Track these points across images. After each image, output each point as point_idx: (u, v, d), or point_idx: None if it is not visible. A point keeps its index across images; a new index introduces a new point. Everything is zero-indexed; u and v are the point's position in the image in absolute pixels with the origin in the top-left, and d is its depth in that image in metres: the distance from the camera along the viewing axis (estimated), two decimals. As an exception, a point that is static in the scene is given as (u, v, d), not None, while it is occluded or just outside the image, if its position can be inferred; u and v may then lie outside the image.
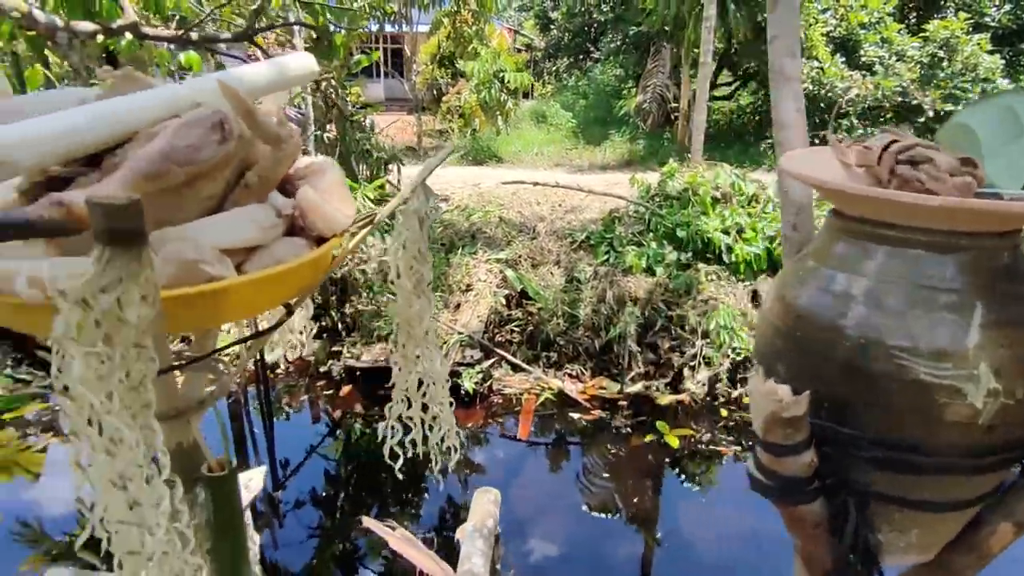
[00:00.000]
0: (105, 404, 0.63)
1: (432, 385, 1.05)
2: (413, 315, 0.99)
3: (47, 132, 0.73)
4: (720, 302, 4.79)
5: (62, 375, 0.64)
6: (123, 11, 1.80)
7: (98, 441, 0.64)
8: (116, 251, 0.61)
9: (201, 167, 0.74)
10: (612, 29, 13.85)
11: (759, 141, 11.22)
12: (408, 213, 0.92)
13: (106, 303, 0.60)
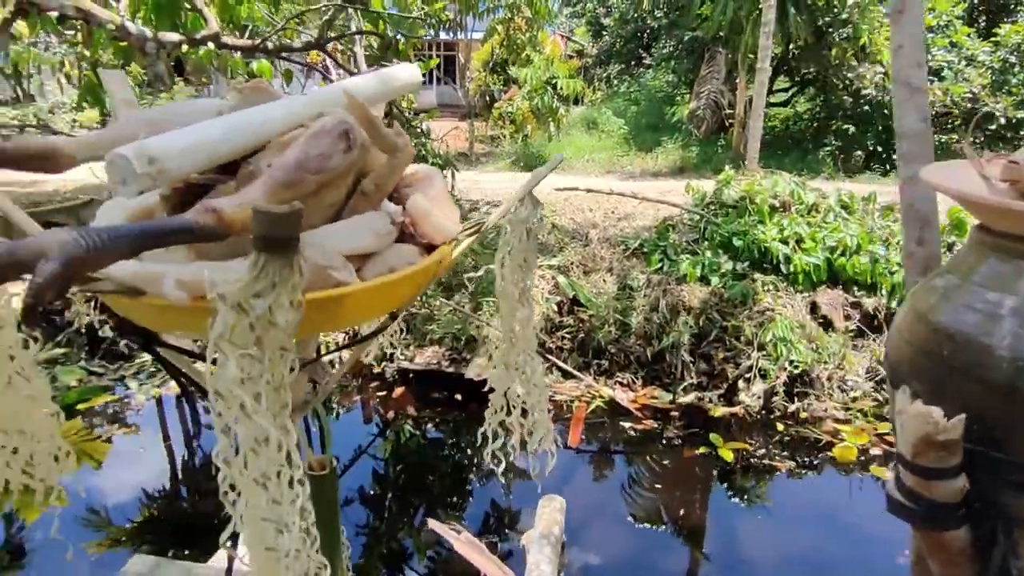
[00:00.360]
0: (254, 404, 0.66)
1: (532, 391, 1.06)
2: (518, 323, 1.00)
3: (194, 142, 0.77)
4: (777, 313, 4.67)
5: (217, 375, 0.67)
6: (206, 22, 1.89)
7: (246, 440, 0.67)
8: (271, 258, 0.65)
9: (329, 175, 0.77)
10: (665, 35, 13.72)
11: (817, 149, 10.93)
12: (516, 222, 0.94)
13: (260, 308, 0.63)
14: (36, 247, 0.60)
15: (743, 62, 9.69)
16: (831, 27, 9.98)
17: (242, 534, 0.72)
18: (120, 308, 0.84)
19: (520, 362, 1.07)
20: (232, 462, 0.71)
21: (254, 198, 0.71)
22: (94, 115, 13.63)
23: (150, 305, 0.77)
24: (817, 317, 4.81)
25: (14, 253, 0.60)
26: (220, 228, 0.67)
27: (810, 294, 4.87)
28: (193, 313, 0.74)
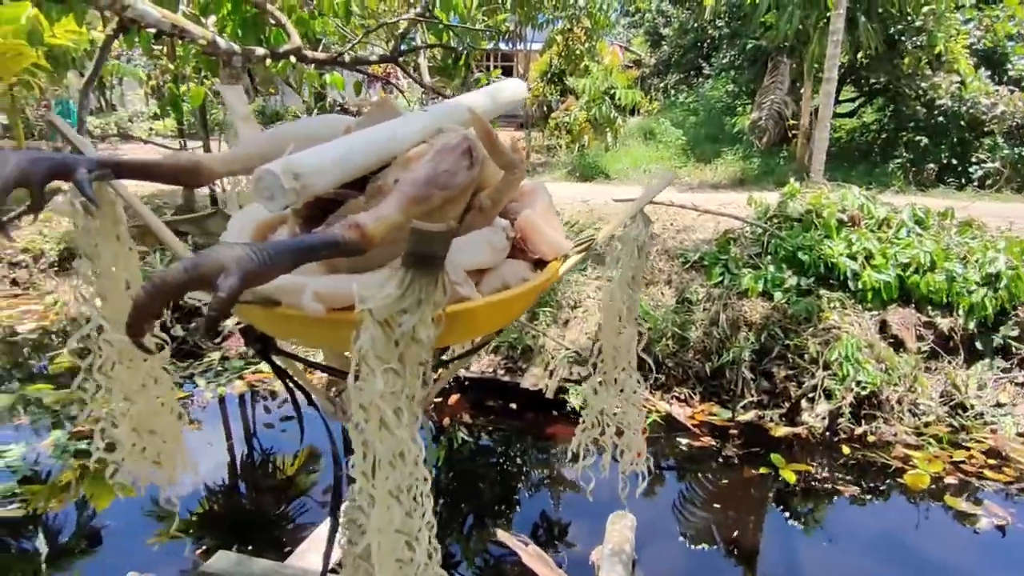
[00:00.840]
0: (395, 419, 0.68)
1: (629, 410, 1.06)
2: (622, 341, 1.00)
3: (333, 159, 0.81)
4: (844, 331, 4.50)
5: (361, 389, 0.69)
6: (289, 37, 1.97)
7: (384, 453, 0.68)
8: (418, 274, 0.66)
9: (454, 191, 0.79)
10: (726, 44, 13.49)
11: (886, 161, 10.52)
12: (627, 239, 0.94)
13: (407, 324, 0.65)
14: (217, 262, 0.64)
15: (809, 72, 9.43)
16: (903, 35, 9.61)
17: (372, 546, 0.74)
18: (246, 316, 0.87)
19: (620, 380, 1.07)
20: (368, 474, 0.72)
21: (389, 213, 0.73)
22: (170, 124, 14.34)
23: (281, 315, 0.80)
24: (887, 336, 4.61)
25: (199, 267, 0.63)
26: (362, 243, 0.70)
27: (880, 312, 4.68)
28: (322, 324, 0.77)
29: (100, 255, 0.85)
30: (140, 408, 0.93)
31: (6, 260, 6.81)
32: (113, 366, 0.89)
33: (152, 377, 0.94)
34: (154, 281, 0.63)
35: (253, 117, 1.07)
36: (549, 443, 4.31)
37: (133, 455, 0.95)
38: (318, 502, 3.67)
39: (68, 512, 3.43)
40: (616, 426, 1.10)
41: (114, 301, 0.88)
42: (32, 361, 5.37)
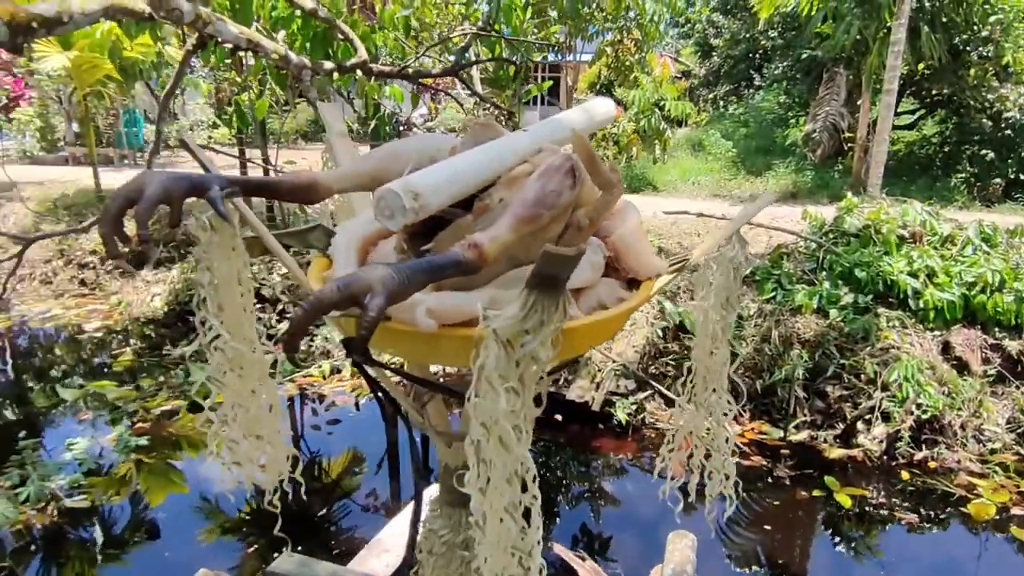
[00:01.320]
0: (514, 437, 0.70)
1: (719, 434, 1.05)
2: (714, 363, 1.00)
3: (448, 179, 0.84)
4: (903, 352, 4.34)
5: (482, 408, 0.71)
6: (356, 51, 2.04)
7: (503, 471, 0.70)
8: (541, 296, 0.68)
9: (559, 210, 0.81)
10: (779, 55, 13.25)
11: (948, 175, 10.14)
12: (723, 261, 0.94)
13: (531, 345, 0.67)
14: (365, 283, 0.68)
15: (868, 83, 9.18)
16: (968, 45, 9.27)
17: (481, 562, 0.75)
18: (350, 330, 0.90)
19: (710, 402, 1.06)
20: (484, 491, 0.73)
21: (503, 233, 0.76)
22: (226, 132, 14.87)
23: (389, 329, 0.83)
24: (950, 358, 4.43)
25: (350, 287, 0.68)
26: (479, 262, 0.72)
27: (942, 333, 4.50)
28: (428, 339, 0.79)
29: (219, 267, 0.89)
30: (250, 413, 0.97)
31: (75, 261, 7.15)
32: (225, 373, 0.93)
33: (260, 383, 0.98)
34: (311, 301, 0.67)
35: (347, 133, 1.11)
36: (594, 456, 4.28)
37: (242, 456, 0.99)
38: (360, 504, 3.72)
39: (123, 505, 3.57)
40: (705, 448, 1.09)
41: (230, 310, 0.93)
42: (96, 358, 5.62)
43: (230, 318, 0.93)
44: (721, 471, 1.13)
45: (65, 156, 12.68)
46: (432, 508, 1.16)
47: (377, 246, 0.91)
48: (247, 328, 0.97)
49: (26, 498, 3.44)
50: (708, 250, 0.98)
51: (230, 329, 0.91)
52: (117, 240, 0.85)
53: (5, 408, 4.81)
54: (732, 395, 1.13)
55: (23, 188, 7.96)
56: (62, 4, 1.27)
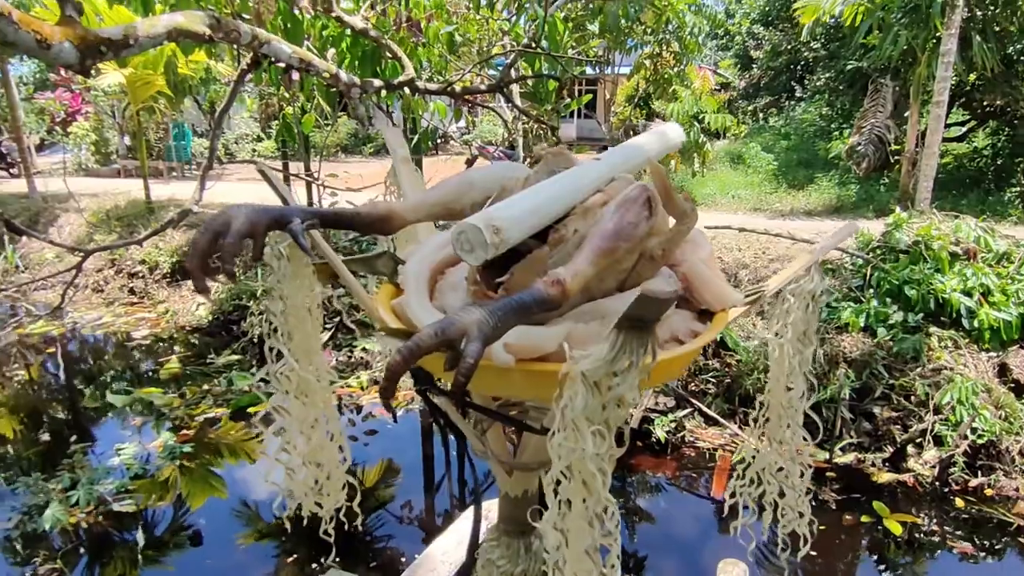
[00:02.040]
0: (599, 480, 0.69)
1: (792, 470, 1.02)
2: (790, 399, 0.97)
3: (527, 211, 0.84)
4: (956, 373, 4.18)
5: (568, 450, 0.70)
6: (403, 69, 2.07)
7: (585, 514, 0.69)
8: (631, 337, 0.67)
9: (635, 243, 0.80)
10: (822, 66, 13.01)
11: (1001, 190, 9.78)
12: (800, 293, 0.91)
13: (620, 389, 0.66)
14: (461, 327, 0.69)
15: (916, 94, 8.93)
16: (1023, 55, 8.96)
17: None
18: (426, 363, 0.90)
19: (786, 438, 1.03)
20: (564, 532, 0.73)
21: (584, 268, 0.75)
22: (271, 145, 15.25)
23: None
24: (1008, 381, 4.24)
25: (447, 332, 0.69)
26: (561, 299, 0.72)
27: (999, 354, 4.32)
28: (501, 373, 0.78)
29: (291, 296, 0.90)
30: (312, 441, 0.97)
31: (125, 271, 7.40)
32: (290, 402, 0.94)
33: (324, 412, 0.98)
34: (409, 347, 0.67)
35: (410, 158, 1.12)
36: (632, 474, 4.21)
37: (301, 485, 1.00)
38: (395, 516, 3.73)
39: (166, 509, 3.65)
40: (780, 485, 1.06)
41: (299, 338, 0.94)
42: (143, 365, 5.78)
43: (299, 346, 0.94)
44: (795, 509, 1.09)
45: (117, 168, 13.16)
46: (490, 537, 1.14)
47: (446, 274, 0.91)
48: (315, 356, 0.97)
49: (76, 501, 3.54)
50: (784, 281, 0.95)
51: (298, 357, 0.91)
52: (204, 280, 0.87)
53: (57, 411, 4.98)
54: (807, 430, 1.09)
55: (79, 199, 8.28)
56: (128, 28, 1.32)
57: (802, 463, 1.07)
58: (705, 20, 9.20)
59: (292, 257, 0.89)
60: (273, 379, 0.92)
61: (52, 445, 4.33)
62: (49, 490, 3.65)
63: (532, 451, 1.04)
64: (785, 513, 1.09)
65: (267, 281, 0.92)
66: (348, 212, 0.94)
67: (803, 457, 1.06)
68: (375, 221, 0.93)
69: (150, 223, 7.63)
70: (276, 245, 0.88)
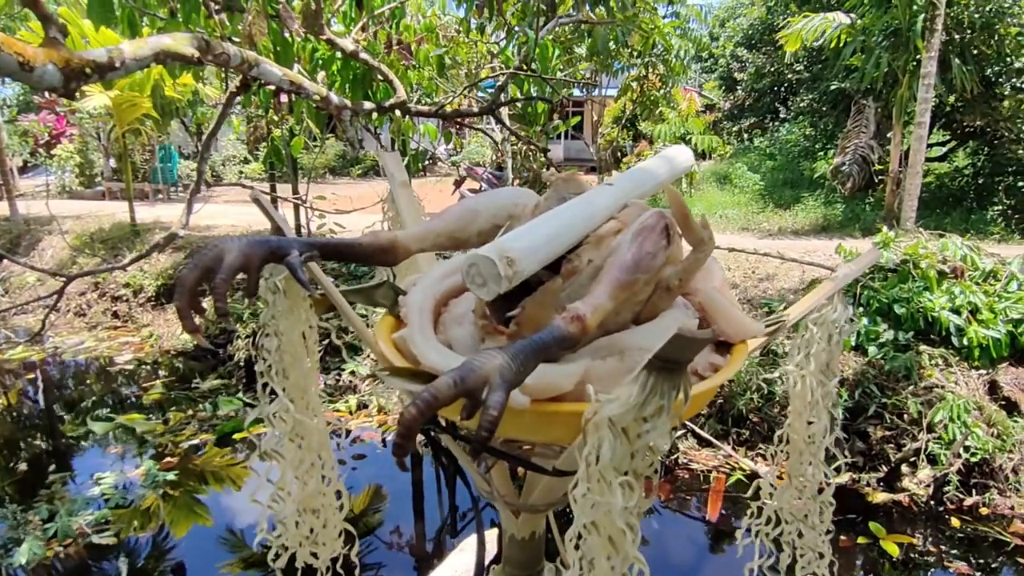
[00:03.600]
0: (627, 535, 0.65)
1: (812, 510, 0.99)
2: (813, 433, 0.94)
3: (541, 242, 0.79)
4: (948, 391, 4.18)
5: (591, 505, 0.66)
6: (395, 91, 2.05)
7: (607, 571, 0.65)
8: (661, 379, 0.62)
9: (652, 273, 0.77)
10: (806, 88, 13.23)
11: (983, 208, 9.93)
12: (823, 323, 0.88)
13: (651, 436, 0.62)
14: (482, 375, 0.64)
15: (898, 115, 9.09)
16: (1001, 77, 9.15)
17: None
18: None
19: (807, 476, 0.99)
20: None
21: (602, 302, 0.71)
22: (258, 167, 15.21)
23: None
24: (998, 398, 4.24)
25: (466, 381, 0.64)
26: (581, 336, 0.68)
27: (989, 372, 4.33)
28: (513, 415, 0.74)
29: (286, 331, 0.85)
30: (308, 488, 0.92)
31: (109, 294, 7.28)
32: (284, 445, 0.89)
33: (319, 455, 0.93)
34: (425, 398, 0.62)
35: (410, 183, 1.09)
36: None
37: (295, 535, 0.94)
38: (384, 542, 3.65)
39: (148, 538, 3.54)
40: (799, 527, 1.02)
41: (295, 377, 0.89)
42: (126, 390, 5.66)
43: (294, 385, 0.89)
44: (815, 549, 1.04)
45: (102, 191, 13.05)
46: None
47: (450, 306, 0.86)
48: (312, 396, 0.92)
49: (54, 534, 3.43)
50: (806, 310, 0.92)
51: (293, 396, 0.86)
52: (194, 313, 0.81)
53: (36, 439, 4.85)
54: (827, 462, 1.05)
55: (61, 222, 8.17)
56: (114, 50, 1.28)
57: (823, 501, 1.03)
58: (690, 43, 9.33)
59: (288, 291, 0.84)
60: (267, 420, 0.87)
61: (30, 475, 4.20)
62: (26, 522, 3.53)
63: (541, 492, 0.98)
64: (804, 554, 1.05)
65: (262, 317, 0.86)
66: (348, 243, 0.89)
67: (825, 496, 1.02)
68: (376, 252, 0.88)
69: (135, 246, 7.54)
70: (272, 279, 0.83)
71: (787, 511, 1.01)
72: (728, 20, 17.16)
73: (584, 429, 0.65)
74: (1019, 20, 8.51)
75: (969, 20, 8.58)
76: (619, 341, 0.75)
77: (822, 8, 10.41)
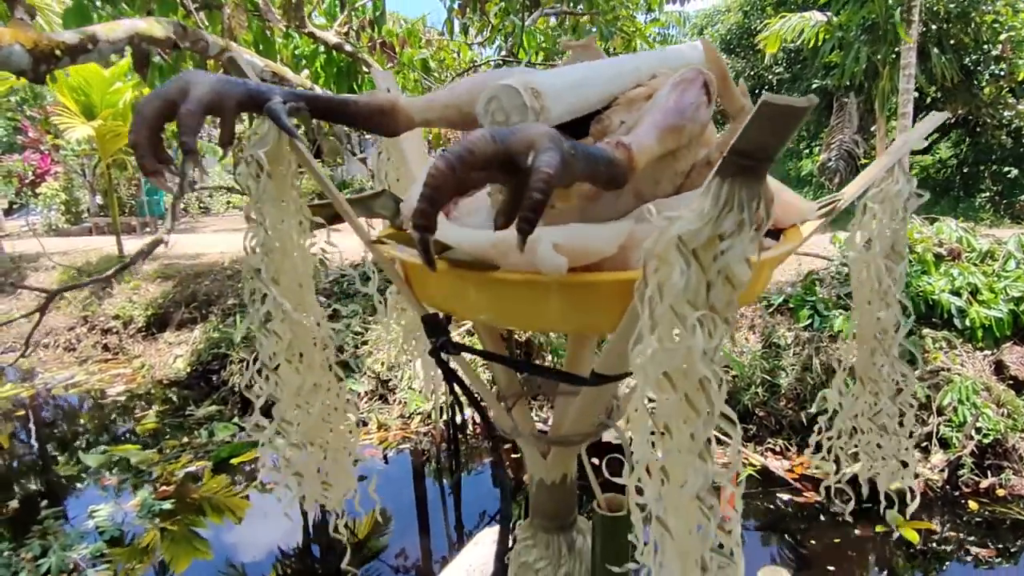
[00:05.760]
0: (711, 387, 0.51)
1: (892, 412, 0.91)
2: (883, 325, 0.86)
3: (572, 83, 0.70)
4: (955, 374, 4.13)
5: (667, 354, 0.52)
6: (379, 83, 2.01)
7: (687, 446, 0.55)
8: (738, 186, 0.49)
9: (698, 127, 0.69)
10: (787, 88, 13.35)
11: (971, 196, 9.99)
12: (886, 198, 0.81)
13: (730, 253, 0.49)
14: (526, 137, 0.52)
15: (881, 108, 9.15)
16: (980, 65, 9.25)
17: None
18: (433, 292, 0.76)
19: (884, 374, 0.91)
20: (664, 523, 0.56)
21: (648, 142, 0.61)
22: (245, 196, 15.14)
23: (493, 283, 0.66)
24: (1005, 378, 4.20)
25: (508, 140, 0.51)
26: (627, 168, 0.58)
27: (993, 352, 4.28)
28: (540, 294, 0.64)
29: (273, 224, 0.75)
30: (312, 416, 0.81)
31: (98, 327, 7.16)
32: (279, 365, 0.79)
33: (325, 377, 0.82)
34: (458, 151, 0.49)
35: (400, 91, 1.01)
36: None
37: (303, 473, 0.83)
38: (390, 566, 3.53)
39: (147, 574, 3.41)
40: (878, 434, 0.93)
41: (287, 282, 0.77)
42: (119, 423, 5.53)
43: (287, 290, 0.77)
44: (895, 458, 0.94)
45: (88, 227, 12.95)
46: (523, 536, 0.96)
47: (459, 204, 0.78)
48: (308, 303, 0.80)
49: (47, 570, 3.30)
50: (863, 186, 0.85)
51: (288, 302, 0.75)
52: (155, 157, 0.68)
53: (28, 479, 4.71)
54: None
55: (49, 256, 8.07)
56: (86, 32, 1.23)
57: (902, 402, 0.94)
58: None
59: (274, 175, 0.75)
60: (259, 335, 0.77)
61: (22, 513, 4.07)
62: (18, 560, 3.40)
63: (573, 420, 0.89)
64: (886, 464, 0.96)
65: (244, 210, 0.77)
66: (340, 100, 0.78)
67: (904, 396, 0.94)
68: (374, 113, 0.77)
69: (123, 276, 7.43)
70: (252, 159, 0.74)
71: (862, 419, 0.93)
72: (706, 27, 17.35)
73: (643, 265, 0.53)
74: (994, 7, 8.63)
75: (945, 10, 8.69)
76: (663, 205, 0.67)
77: (798, 8, 10.53)
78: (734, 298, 0.53)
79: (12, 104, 13.10)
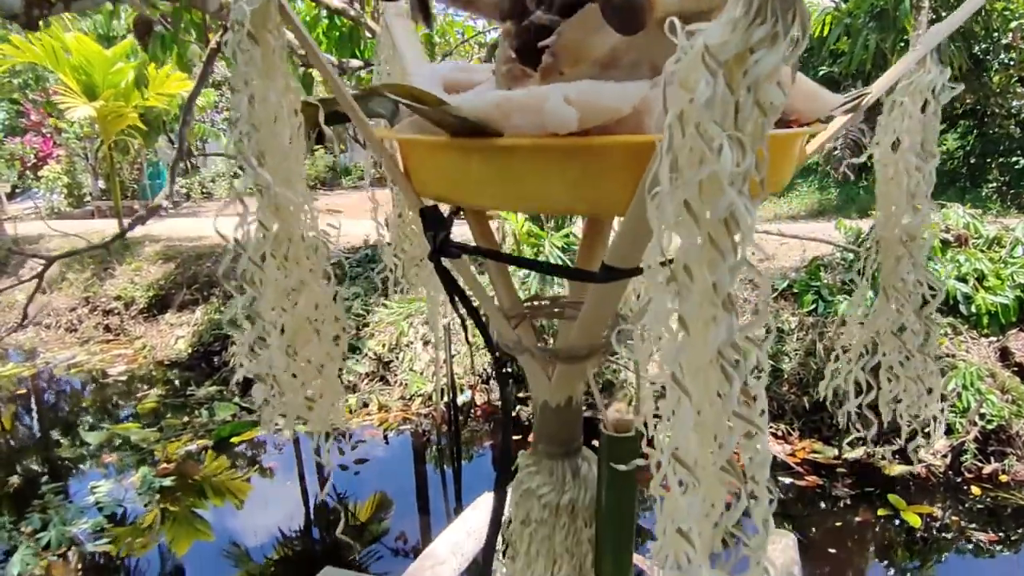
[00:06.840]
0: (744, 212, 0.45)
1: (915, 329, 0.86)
2: (910, 232, 0.83)
3: None
4: (959, 359, 4.10)
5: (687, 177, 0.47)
6: (381, 47, 1.98)
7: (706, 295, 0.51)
8: None
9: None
10: (793, 77, 13.24)
11: (978, 186, 9.90)
12: (916, 90, 0.76)
13: (762, 64, 0.43)
14: None
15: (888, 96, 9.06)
16: (989, 54, 9.14)
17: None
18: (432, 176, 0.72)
19: (910, 284, 0.87)
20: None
21: None
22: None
23: (498, 151, 0.61)
24: (1010, 364, 4.17)
25: None
26: (645, 13, 0.54)
27: (999, 338, 4.25)
28: (547, 166, 0.59)
29: (260, 100, 0.68)
30: (295, 319, 0.73)
31: (100, 308, 7.16)
32: (263, 258, 0.72)
33: (312, 277, 0.74)
34: None
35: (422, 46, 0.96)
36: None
37: (286, 384, 0.77)
38: (390, 549, 3.53)
39: (148, 556, 3.40)
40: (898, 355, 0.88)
41: (273, 160, 0.71)
42: (120, 402, 5.53)
43: (274, 167, 0.71)
44: (924, 382, 0.89)
45: (91, 210, 12.92)
46: (527, 463, 0.92)
47: (461, 94, 0.74)
48: (296, 184, 0.74)
49: (47, 543, 3.30)
50: (893, 79, 0.81)
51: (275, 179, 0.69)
52: None
53: (29, 458, 4.71)
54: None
55: (49, 239, 8.06)
56: (76, -24, 1.19)
57: (928, 318, 0.89)
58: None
59: (261, 40, 0.71)
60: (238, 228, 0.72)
61: (22, 486, 4.07)
62: (18, 533, 3.41)
63: (580, 331, 0.84)
64: (907, 388, 0.91)
65: (232, 81, 0.73)
66: None
67: (929, 309, 0.90)
68: None
69: (125, 258, 7.42)
70: (239, 28, 0.69)
71: (887, 334, 0.88)
72: (712, 15, 17.20)
73: (664, 86, 0.47)
74: (1005, -5, 8.53)
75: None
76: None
77: (806, -5, 10.40)
78: (766, 128, 0.48)
79: (15, 86, 13.03)
